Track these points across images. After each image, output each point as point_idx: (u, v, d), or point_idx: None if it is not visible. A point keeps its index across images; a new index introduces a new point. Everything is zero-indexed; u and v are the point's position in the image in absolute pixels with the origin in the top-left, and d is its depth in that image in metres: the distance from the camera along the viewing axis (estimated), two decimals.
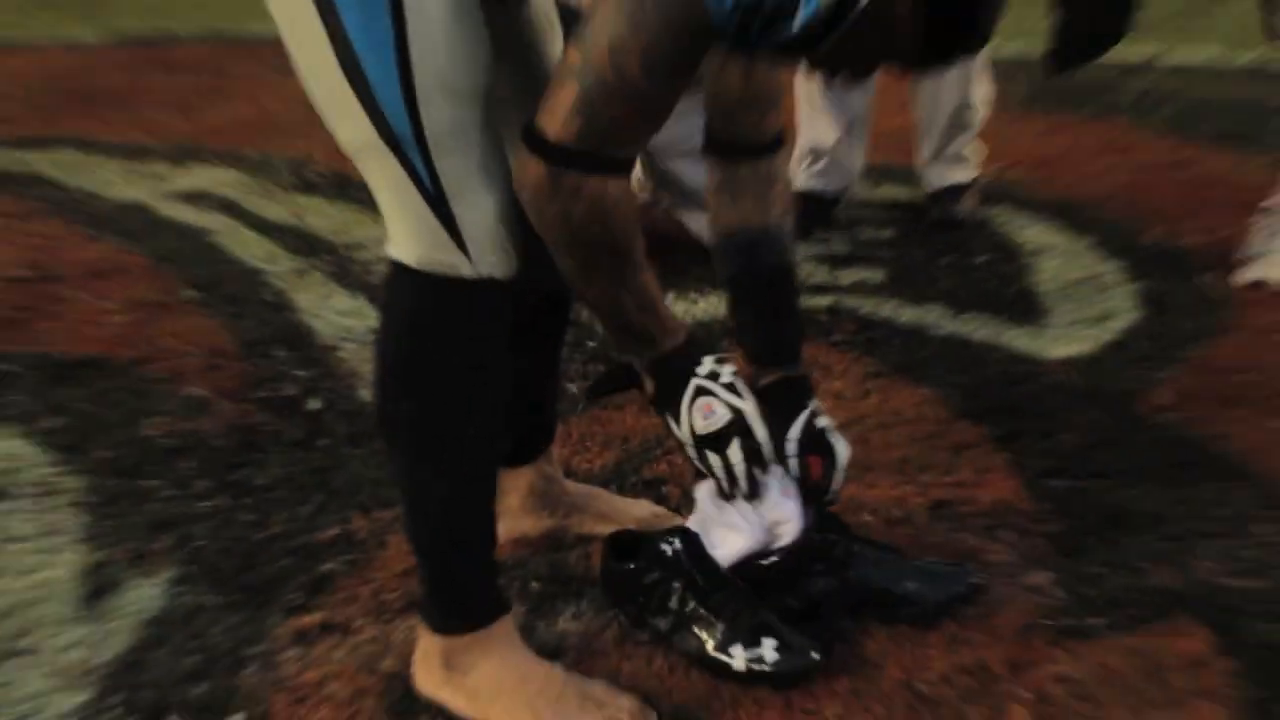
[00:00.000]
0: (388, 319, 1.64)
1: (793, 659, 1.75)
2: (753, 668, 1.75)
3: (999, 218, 3.54)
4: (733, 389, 1.71)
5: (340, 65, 1.46)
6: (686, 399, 1.69)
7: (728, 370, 1.71)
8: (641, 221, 1.60)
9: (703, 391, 1.69)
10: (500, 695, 1.71)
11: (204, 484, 2.32)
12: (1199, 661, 1.76)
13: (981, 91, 3.53)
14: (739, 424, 1.71)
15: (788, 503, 1.83)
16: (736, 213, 1.87)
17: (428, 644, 1.75)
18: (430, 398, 1.62)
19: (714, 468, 1.74)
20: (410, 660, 1.79)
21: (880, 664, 1.78)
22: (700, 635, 1.78)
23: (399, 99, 1.47)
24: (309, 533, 2.15)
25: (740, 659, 1.75)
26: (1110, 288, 3.05)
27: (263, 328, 2.98)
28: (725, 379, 1.70)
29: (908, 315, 2.93)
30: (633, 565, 1.84)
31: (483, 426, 1.67)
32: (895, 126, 3.88)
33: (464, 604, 1.73)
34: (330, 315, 3.03)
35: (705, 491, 1.84)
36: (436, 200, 1.52)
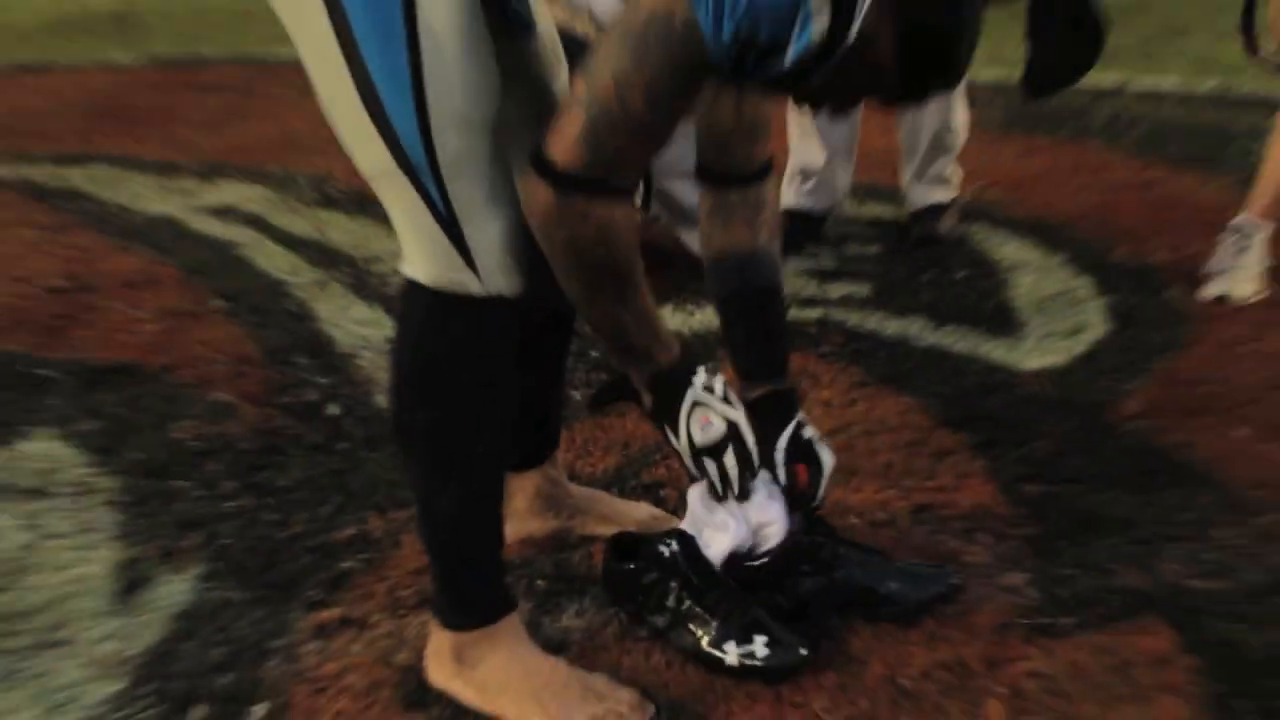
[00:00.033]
0: (402, 332, 1.64)
1: (782, 655, 1.75)
2: (745, 663, 1.75)
3: (977, 235, 3.54)
4: (726, 400, 1.71)
5: (359, 96, 1.46)
6: (684, 412, 1.69)
7: (720, 383, 1.72)
8: (641, 237, 1.60)
9: (699, 404, 1.69)
10: (507, 687, 1.71)
11: (230, 485, 2.32)
12: (1164, 659, 1.76)
13: (961, 116, 3.53)
14: (733, 433, 1.72)
15: (773, 506, 1.84)
16: (727, 237, 1.87)
17: (439, 639, 1.75)
18: (442, 407, 1.61)
19: (710, 474, 1.74)
20: (423, 654, 1.79)
21: (865, 660, 1.78)
22: (695, 632, 1.79)
23: (414, 128, 1.47)
24: (328, 532, 2.15)
25: (733, 654, 1.75)
26: (1082, 302, 3.04)
27: (285, 336, 2.98)
28: (719, 391, 1.70)
29: (892, 328, 2.93)
30: (632, 566, 1.84)
31: (492, 434, 1.67)
32: (880, 147, 3.89)
33: (473, 601, 1.73)
34: (349, 325, 3.03)
35: (696, 494, 1.84)
36: (448, 223, 1.52)
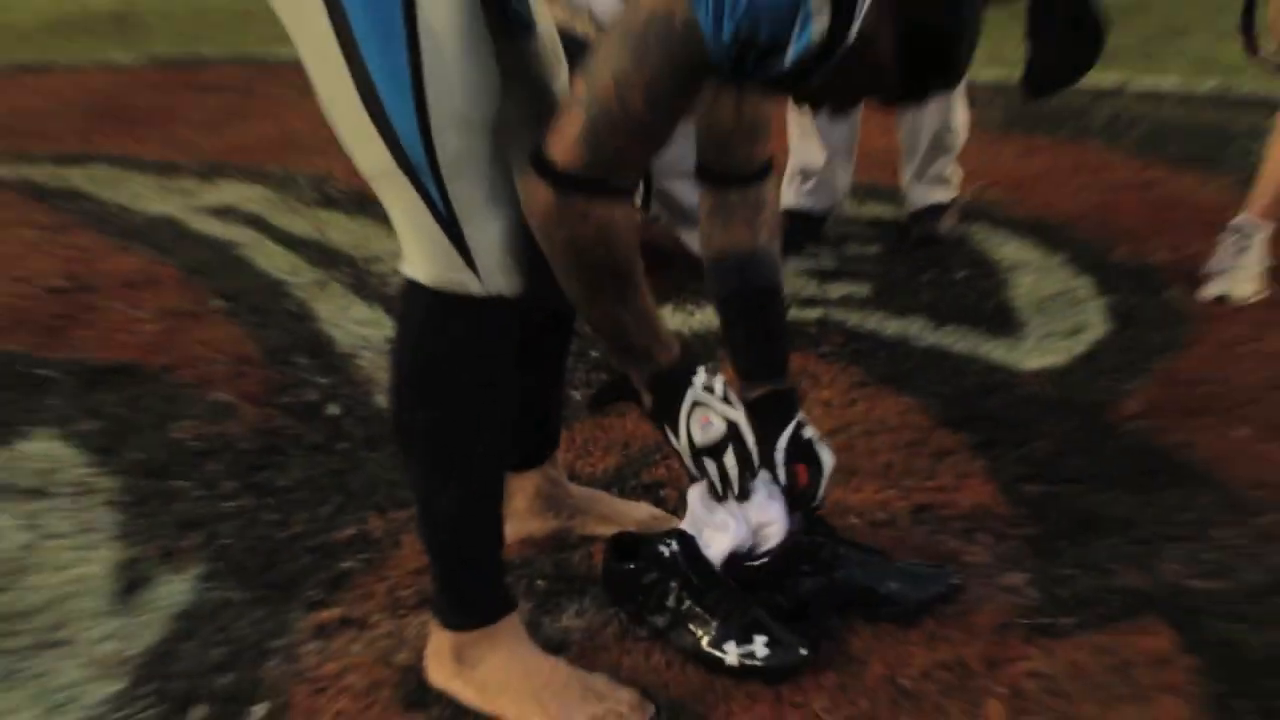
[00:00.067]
0: (402, 332, 1.63)
1: (782, 655, 1.74)
2: (745, 663, 1.74)
3: (977, 235, 3.53)
4: (726, 400, 1.70)
5: (359, 96, 1.45)
6: (684, 412, 1.68)
7: (720, 382, 1.71)
8: (641, 237, 1.60)
9: (699, 404, 1.68)
10: (507, 687, 1.70)
11: (230, 485, 2.31)
12: (1163, 659, 1.75)
13: (961, 117, 3.52)
14: (733, 433, 1.71)
15: (773, 505, 1.83)
16: (727, 237, 1.87)
17: (439, 639, 1.74)
18: (442, 407, 1.61)
19: (710, 473, 1.73)
20: (423, 653, 1.78)
21: (865, 660, 1.78)
22: (695, 632, 1.78)
23: (414, 129, 1.46)
24: (328, 532, 2.14)
25: (733, 654, 1.75)
26: (1081, 302, 3.03)
27: (285, 336, 2.97)
28: (719, 391, 1.70)
29: (892, 328, 2.92)
30: (632, 566, 1.84)
31: (492, 434, 1.66)
32: (880, 147, 3.88)
33: (473, 602, 1.72)
34: (349, 325, 3.02)
35: (696, 494, 1.83)
36: (448, 223, 1.52)
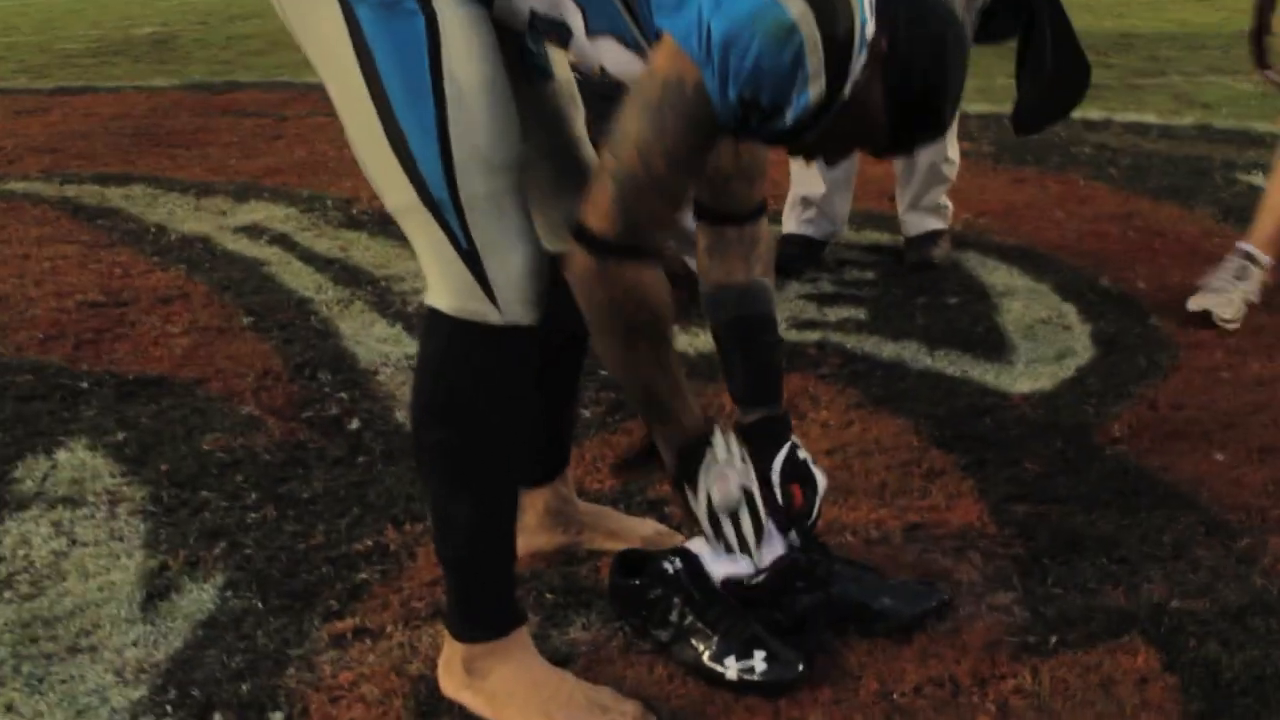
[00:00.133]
0: (424, 358, 1.65)
1: (780, 670, 1.73)
2: (744, 677, 1.73)
3: (969, 261, 3.52)
4: (744, 469, 1.74)
5: (387, 139, 1.51)
6: (704, 477, 1.71)
7: (738, 449, 1.74)
8: None
9: (718, 468, 1.71)
10: (515, 698, 1.69)
11: (254, 496, 2.29)
12: (1145, 677, 1.73)
13: (954, 149, 3.52)
14: (748, 497, 1.74)
15: (774, 540, 1.82)
16: (724, 271, 1.89)
17: (451, 650, 1.73)
18: (460, 430, 1.62)
19: (725, 533, 1.76)
20: (436, 664, 1.76)
21: (859, 675, 1.76)
22: (697, 646, 1.76)
23: (439, 170, 1.51)
24: (347, 543, 2.12)
25: (733, 669, 1.73)
26: (1068, 328, 3.02)
27: (310, 352, 2.96)
28: (737, 457, 1.73)
29: (888, 351, 2.90)
30: (637, 581, 1.82)
31: (508, 455, 1.68)
32: (877, 175, 3.87)
33: (485, 615, 1.71)
34: (371, 342, 3.01)
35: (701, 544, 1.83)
36: (470, 256, 1.55)
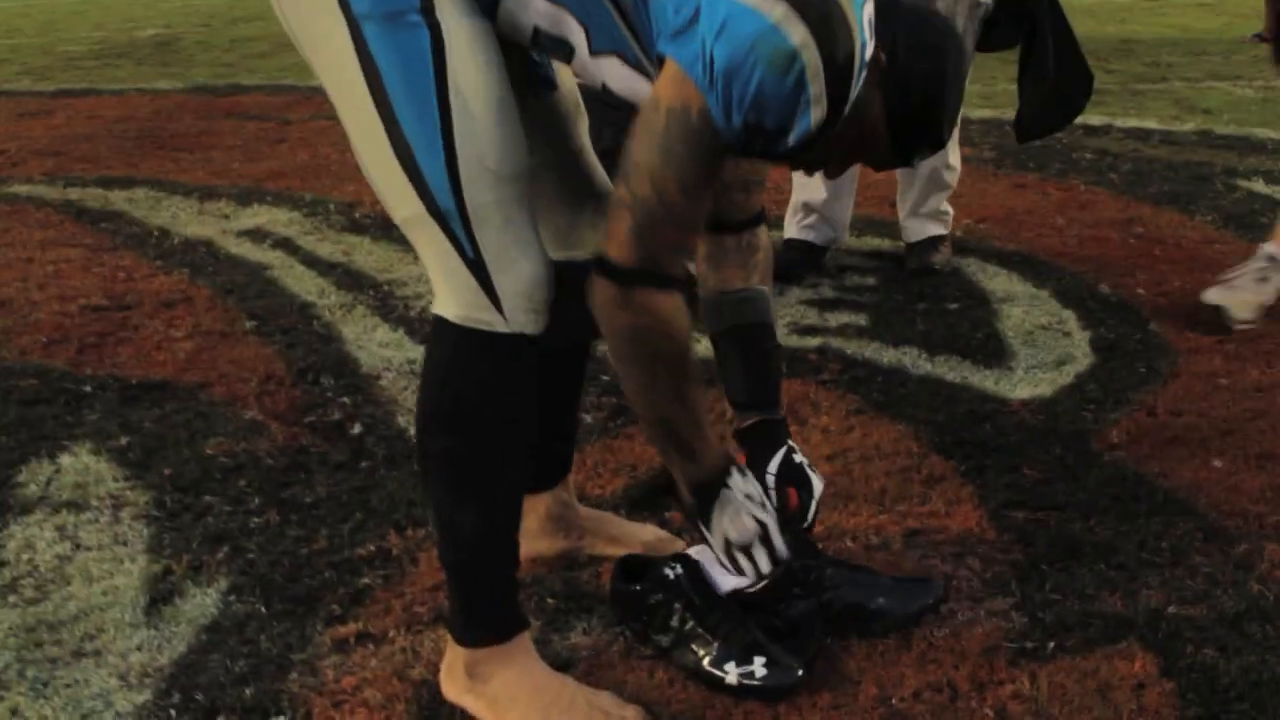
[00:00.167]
0: (430, 366, 1.67)
1: (780, 675, 1.73)
2: (744, 682, 1.73)
3: (970, 267, 3.53)
4: (762, 505, 1.75)
5: (393, 150, 1.52)
6: (720, 514, 1.72)
7: (755, 487, 1.75)
8: None
9: (735, 507, 1.72)
10: (517, 703, 1.69)
11: (257, 501, 2.29)
12: (1143, 683, 1.74)
13: (955, 156, 3.53)
14: (763, 534, 1.74)
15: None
16: (722, 278, 1.92)
17: (453, 654, 1.73)
18: (466, 438, 1.63)
19: (741, 566, 1.76)
20: (438, 668, 1.77)
21: (858, 680, 1.76)
22: (697, 651, 1.77)
23: (445, 181, 1.52)
24: (349, 548, 2.12)
25: (733, 674, 1.74)
26: (1068, 334, 3.03)
27: (312, 357, 2.96)
28: (755, 496, 1.74)
29: (888, 357, 2.91)
30: (638, 587, 1.83)
31: (512, 462, 1.68)
32: (879, 181, 3.88)
33: (487, 620, 1.72)
34: (373, 347, 3.02)
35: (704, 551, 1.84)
36: (476, 266, 1.56)
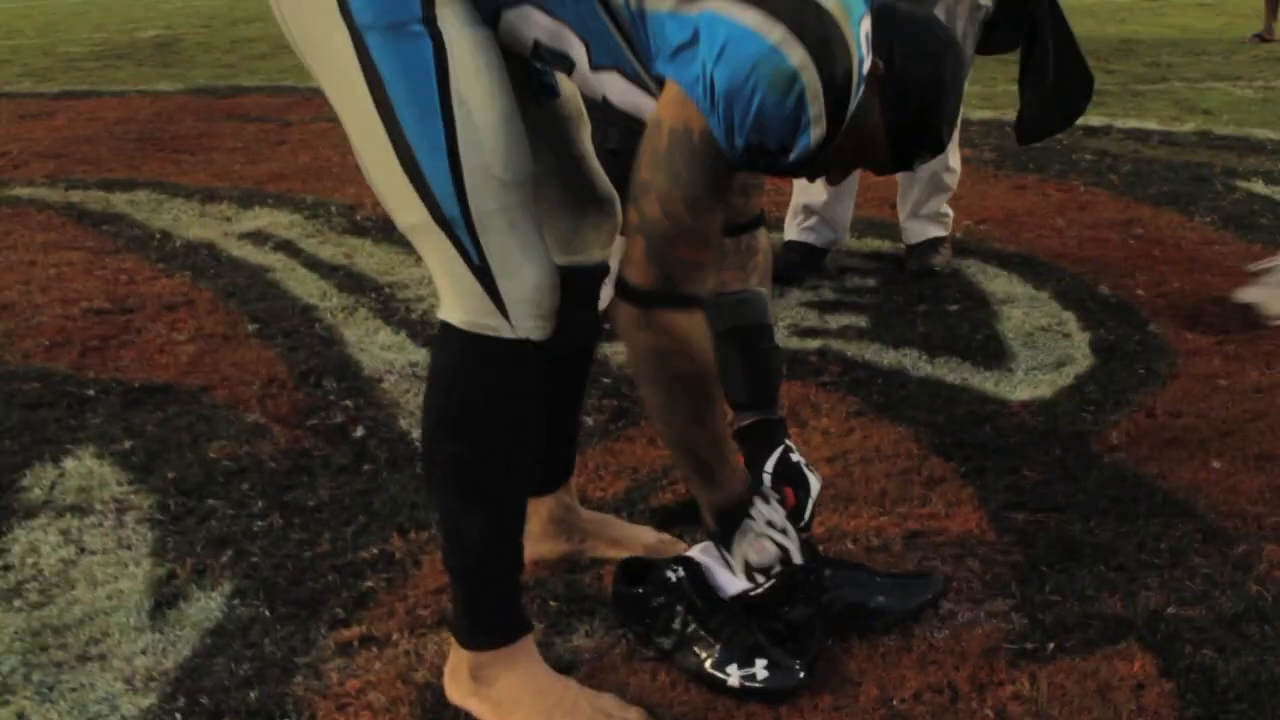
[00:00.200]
0: (436, 372, 1.67)
1: (781, 677, 1.74)
2: (746, 684, 1.74)
3: (970, 269, 3.53)
4: (785, 531, 1.79)
5: (398, 159, 1.53)
6: (741, 539, 1.77)
7: (778, 513, 1.79)
8: None
9: (757, 533, 1.77)
10: (521, 705, 1.70)
11: (260, 504, 2.30)
12: (1142, 684, 1.75)
13: (955, 158, 3.53)
14: (784, 557, 1.78)
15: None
16: (721, 280, 1.94)
17: (457, 657, 1.74)
18: (472, 444, 1.64)
19: (760, 585, 1.80)
20: (442, 671, 1.77)
21: (859, 682, 1.77)
22: (699, 654, 1.78)
23: (449, 188, 1.53)
24: (353, 551, 2.13)
25: (735, 676, 1.75)
26: (1068, 336, 3.03)
27: (314, 360, 2.97)
28: (778, 523, 1.78)
29: (889, 358, 2.92)
30: (640, 589, 1.84)
31: (516, 468, 1.69)
32: (879, 183, 3.88)
33: (492, 623, 1.72)
34: (375, 349, 3.02)
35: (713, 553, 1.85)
36: (481, 272, 1.57)
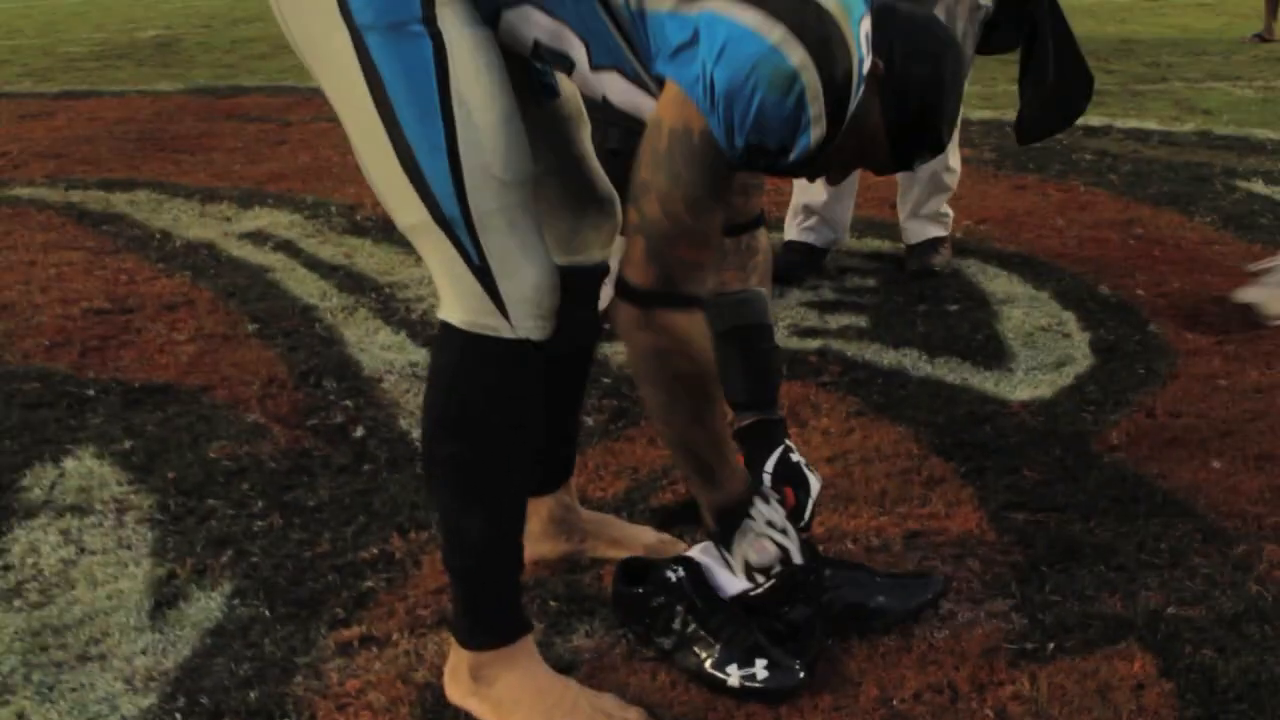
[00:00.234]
0: (436, 372, 1.67)
1: (781, 677, 1.74)
2: (746, 684, 1.74)
3: (970, 269, 3.54)
4: (784, 531, 1.79)
5: (398, 158, 1.54)
6: (741, 539, 1.78)
7: (779, 514, 1.79)
8: None
9: (757, 533, 1.77)
10: (521, 705, 1.70)
11: (260, 504, 2.30)
12: (1142, 684, 1.75)
13: (955, 158, 3.53)
14: (784, 558, 1.79)
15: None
16: (721, 280, 1.94)
17: (457, 657, 1.74)
18: (473, 444, 1.64)
19: (760, 585, 1.81)
20: (442, 671, 1.78)
21: (859, 682, 1.77)
22: (699, 654, 1.78)
23: (449, 188, 1.53)
24: (353, 551, 2.13)
25: (735, 676, 1.75)
26: (1068, 336, 3.03)
27: (314, 360, 2.97)
28: (778, 523, 1.79)
29: (889, 358, 2.92)
30: (640, 590, 1.84)
31: (517, 469, 1.69)
32: (879, 183, 3.89)
33: (492, 623, 1.73)
34: (375, 350, 3.03)
35: (713, 554, 1.85)
36: (482, 272, 1.57)
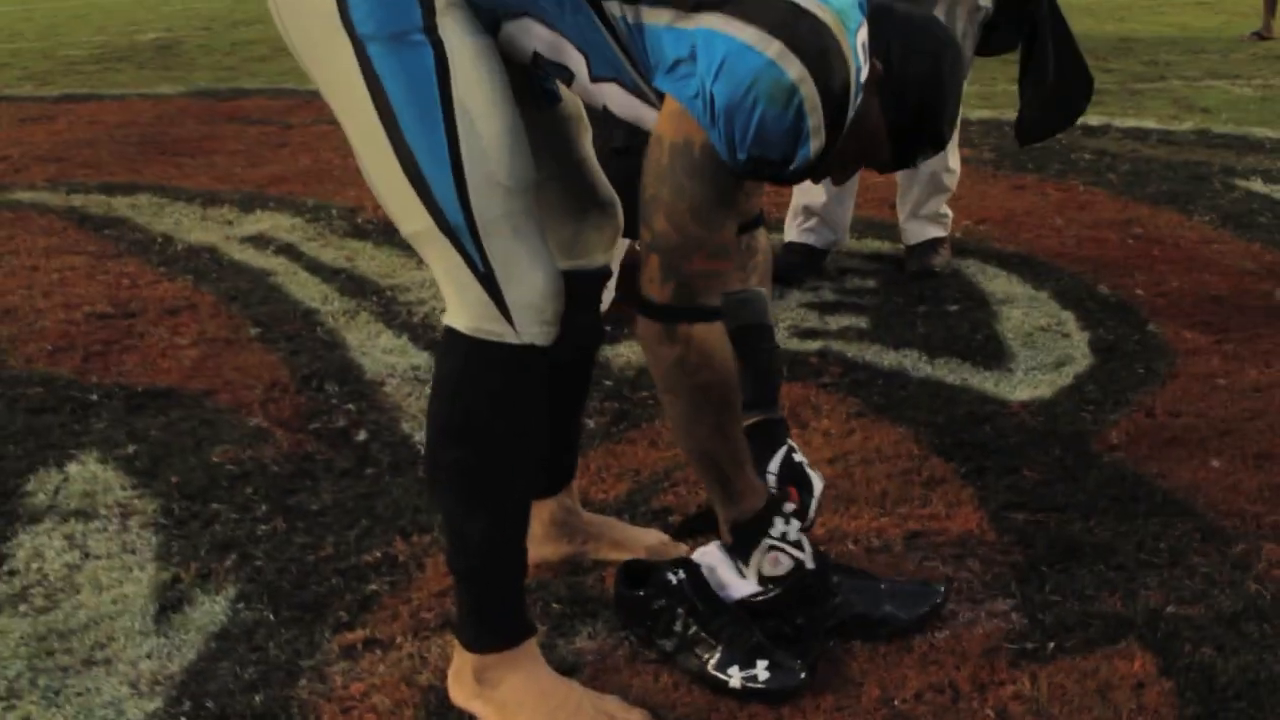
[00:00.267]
0: (441, 378, 1.69)
1: (783, 678, 1.75)
2: (747, 685, 1.75)
3: (969, 269, 3.54)
4: (798, 545, 1.81)
5: (401, 166, 1.55)
6: (758, 553, 1.80)
7: (795, 529, 1.81)
8: (630, 259, 1.67)
9: (773, 548, 1.80)
10: (525, 707, 1.71)
11: (263, 508, 2.31)
12: (1142, 683, 1.76)
13: (954, 158, 3.54)
14: (798, 571, 1.81)
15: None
16: None
17: (462, 659, 1.75)
18: (477, 449, 1.66)
19: (773, 594, 1.83)
20: (446, 674, 1.78)
21: (861, 683, 1.78)
22: (701, 655, 1.79)
23: (453, 195, 1.55)
24: (356, 555, 2.14)
25: (737, 677, 1.76)
26: (1067, 336, 3.04)
27: (316, 363, 2.98)
28: (793, 537, 1.81)
29: (889, 359, 2.93)
30: (642, 592, 1.85)
31: (521, 474, 1.71)
32: (879, 184, 3.89)
33: (496, 626, 1.74)
34: (377, 353, 3.03)
35: (720, 558, 1.86)
36: (486, 278, 1.59)
